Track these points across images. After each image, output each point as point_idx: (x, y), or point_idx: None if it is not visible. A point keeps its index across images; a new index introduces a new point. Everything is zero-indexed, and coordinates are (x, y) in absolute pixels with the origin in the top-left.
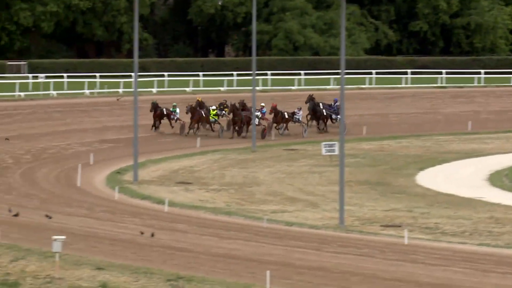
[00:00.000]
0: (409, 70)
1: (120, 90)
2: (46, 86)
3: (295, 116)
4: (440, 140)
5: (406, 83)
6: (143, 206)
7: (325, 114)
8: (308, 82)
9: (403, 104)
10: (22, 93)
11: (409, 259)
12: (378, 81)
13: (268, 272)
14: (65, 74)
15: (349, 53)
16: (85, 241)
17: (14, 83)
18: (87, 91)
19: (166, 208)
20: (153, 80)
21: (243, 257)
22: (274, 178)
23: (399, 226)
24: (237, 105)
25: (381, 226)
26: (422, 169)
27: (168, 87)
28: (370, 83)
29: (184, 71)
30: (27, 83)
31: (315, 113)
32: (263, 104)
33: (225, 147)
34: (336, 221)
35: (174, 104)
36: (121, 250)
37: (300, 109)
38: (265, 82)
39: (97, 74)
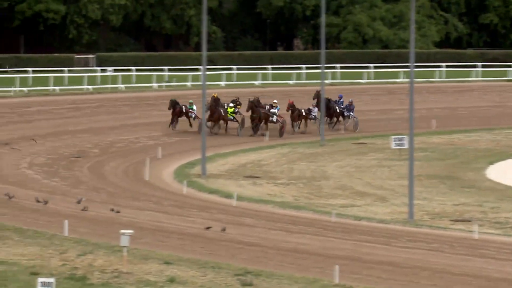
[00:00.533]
0: (479, 63)
1: (189, 83)
2: (114, 80)
3: (311, 113)
4: (510, 134)
5: (476, 76)
6: (211, 200)
7: (338, 111)
8: (377, 76)
9: (473, 98)
10: (90, 87)
11: (479, 254)
12: (448, 74)
13: (336, 267)
14: (133, 68)
15: (418, 46)
16: (153, 235)
17: (82, 76)
18: (155, 85)
19: (234, 202)
20: (221, 74)
21: (311, 252)
22: (343, 172)
23: (469, 221)
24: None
25: (451, 220)
26: (492, 163)
27: (237, 80)
28: (440, 77)
29: (253, 65)
30: (95, 76)
31: (328, 109)
32: (275, 101)
33: (293, 141)
34: (405, 216)
35: (191, 101)
36: (189, 245)
37: (315, 105)
38: (334, 76)
39: (165, 68)
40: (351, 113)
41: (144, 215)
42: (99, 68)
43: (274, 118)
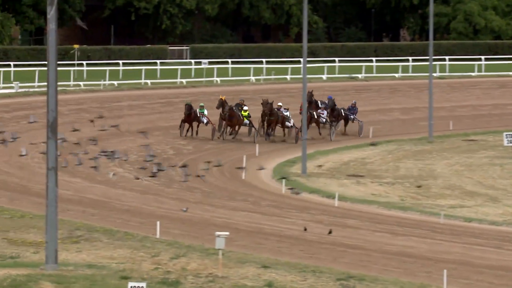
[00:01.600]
0: None
1: (288, 77)
2: (209, 73)
3: (321, 116)
4: None
5: None
6: (311, 201)
7: (343, 114)
8: (488, 68)
9: None
10: (184, 80)
11: None
12: None
13: (445, 272)
14: (229, 60)
15: None
16: (249, 237)
17: (176, 69)
18: (252, 78)
19: (336, 202)
20: (322, 66)
21: (418, 255)
22: (452, 170)
23: None
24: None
25: None
26: None
27: (339, 73)
28: None
29: (356, 57)
30: (189, 69)
31: (332, 112)
32: (280, 103)
33: (399, 137)
34: None
35: (202, 104)
36: (288, 247)
37: (324, 109)
38: (442, 68)
39: (264, 60)
40: (354, 116)
41: (240, 216)
42: (193, 61)
43: (291, 122)
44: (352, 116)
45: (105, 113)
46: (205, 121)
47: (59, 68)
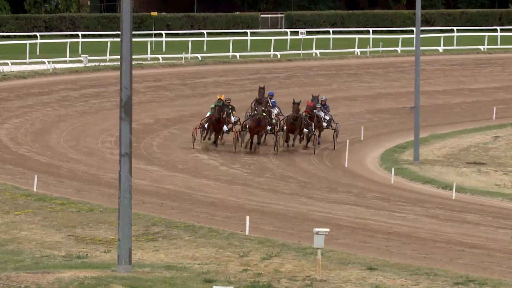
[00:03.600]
0: None
1: (398, 49)
2: (307, 44)
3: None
4: None
5: None
6: (425, 192)
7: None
8: None
9: None
10: (278, 53)
11: None
12: None
13: None
14: (330, 29)
15: None
16: (353, 235)
17: (269, 40)
18: (357, 50)
19: (453, 194)
20: (439, 36)
21: None
22: None
23: None
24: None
25: None
26: None
27: (457, 45)
28: None
29: (478, 25)
30: (284, 40)
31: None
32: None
33: None
34: None
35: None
36: (397, 246)
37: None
38: None
39: (370, 29)
40: (326, 116)
41: (342, 210)
42: (288, 30)
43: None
44: (327, 117)
45: (186, 90)
46: (233, 120)
47: (134, 39)
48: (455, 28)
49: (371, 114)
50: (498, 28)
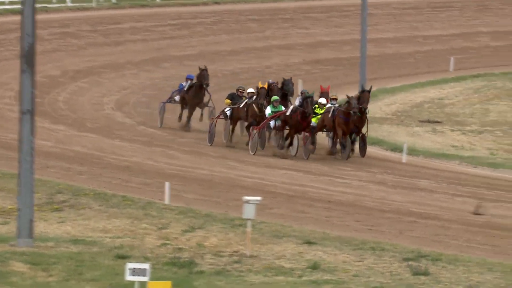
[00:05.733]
0: None
1: None
2: None
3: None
4: None
5: None
6: (372, 155)
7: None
8: None
9: None
10: None
11: None
12: None
13: None
14: None
15: None
16: (289, 204)
17: None
18: None
19: (404, 157)
20: None
21: (510, 227)
22: None
23: None
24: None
25: None
26: None
27: None
28: None
29: None
30: None
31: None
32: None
33: (489, 71)
34: None
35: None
36: (340, 217)
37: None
38: None
39: None
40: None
41: (277, 175)
42: None
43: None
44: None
45: (98, 38)
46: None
47: None
48: None
49: (310, 65)
50: None
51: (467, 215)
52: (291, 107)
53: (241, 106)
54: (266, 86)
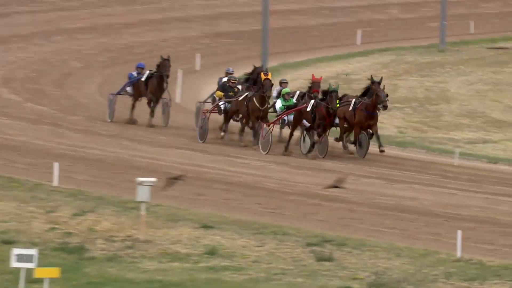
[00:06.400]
0: None
1: None
2: None
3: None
4: None
5: None
6: (273, 133)
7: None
8: None
9: None
10: None
11: None
12: None
13: (459, 233)
14: None
15: None
16: (185, 185)
17: None
18: None
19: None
20: None
21: (421, 210)
22: (472, 91)
23: None
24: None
25: None
26: None
27: None
28: None
29: None
30: None
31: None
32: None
33: (399, 44)
34: None
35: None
36: (239, 199)
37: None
38: None
39: None
40: None
41: (173, 155)
42: None
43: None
44: None
45: None
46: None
47: None
48: None
49: (209, 39)
50: None
51: (374, 197)
52: (312, 101)
53: (241, 99)
54: (270, 76)
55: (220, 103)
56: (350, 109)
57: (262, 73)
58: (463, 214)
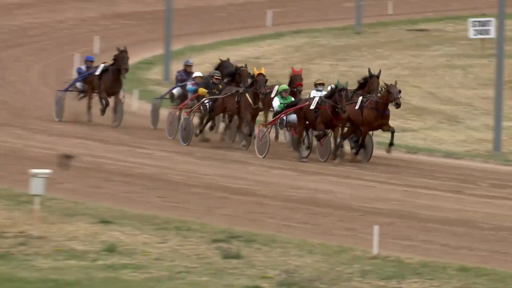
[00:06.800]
0: None
1: None
2: None
3: None
4: None
5: None
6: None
7: None
8: None
9: None
10: None
11: None
12: None
13: (375, 228)
14: None
15: None
16: (82, 177)
17: None
18: None
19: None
20: None
21: (336, 204)
22: (391, 75)
23: None
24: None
25: None
26: None
27: None
28: None
29: None
30: None
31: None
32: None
33: (312, 26)
34: (489, 146)
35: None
36: (140, 193)
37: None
38: None
39: None
40: None
41: (69, 145)
42: None
43: None
44: None
45: None
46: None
47: None
48: None
49: (108, 20)
50: None
51: (284, 190)
52: (316, 99)
53: (229, 96)
54: (263, 71)
55: (205, 101)
56: (357, 107)
57: (255, 68)
58: (380, 208)
